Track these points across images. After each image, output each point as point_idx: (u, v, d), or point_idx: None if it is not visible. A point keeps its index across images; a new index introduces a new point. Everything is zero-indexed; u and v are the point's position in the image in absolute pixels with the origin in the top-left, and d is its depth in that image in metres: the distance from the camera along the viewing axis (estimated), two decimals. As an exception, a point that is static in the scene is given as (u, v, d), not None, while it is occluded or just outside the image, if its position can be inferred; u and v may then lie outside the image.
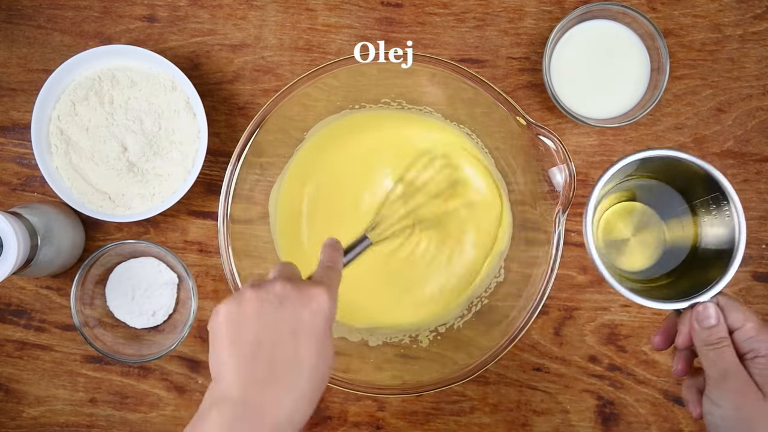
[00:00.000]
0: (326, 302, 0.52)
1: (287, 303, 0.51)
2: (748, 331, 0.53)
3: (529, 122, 0.68)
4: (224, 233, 0.70)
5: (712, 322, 0.53)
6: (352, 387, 0.70)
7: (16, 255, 0.66)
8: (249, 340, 0.50)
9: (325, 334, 0.52)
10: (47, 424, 0.78)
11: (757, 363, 0.52)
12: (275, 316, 0.51)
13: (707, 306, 0.54)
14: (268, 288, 0.52)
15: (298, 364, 0.50)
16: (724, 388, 0.52)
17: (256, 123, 0.70)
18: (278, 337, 0.50)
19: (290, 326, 0.51)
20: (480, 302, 0.75)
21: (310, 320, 0.51)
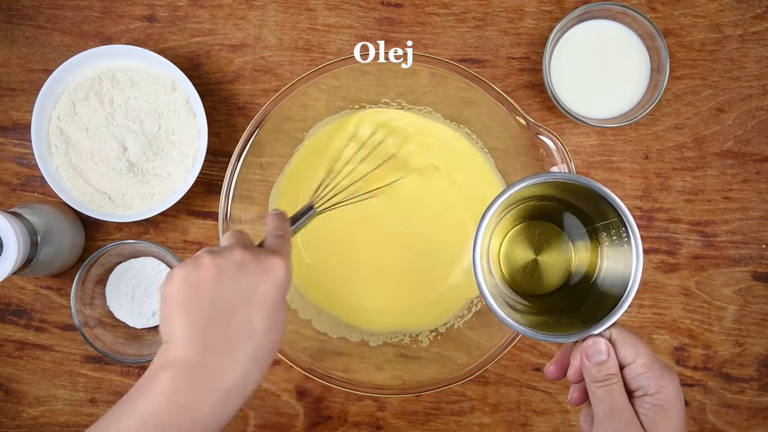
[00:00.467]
0: (283, 271, 0.53)
1: (245, 271, 0.51)
2: (638, 367, 0.50)
3: (529, 122, 0.68)
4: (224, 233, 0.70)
5: (602, 357, 0.51)
6: (352, 387, 0.70)
7: (16, 255, 0.66)
8: (204, 305, 0.50)
9: (280, 302, 0.53)
10: (47, 424, 0.78)
11: (644, 402, 0.50)
12: (232, 283, 0.51)
13: (597, 341, 0.51)
14: (226, 255, 0.52)
15: (252, 331, 0.51)
16: (609, 429, 0.50)
17: (256, 123, 0.70)
18: (234, 303, 0.51)
19: (247, 293, 0.51)
20: (480, 302, 0.75)
21: (266, 289, 0.52)
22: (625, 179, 0.78)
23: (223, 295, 0.51)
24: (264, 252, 0.53)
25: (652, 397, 0.50)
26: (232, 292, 0.51)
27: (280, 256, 0.53)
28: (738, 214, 0.78)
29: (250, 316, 0.51)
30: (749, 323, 0.78)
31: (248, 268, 0.52)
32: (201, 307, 0.50)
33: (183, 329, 0.50)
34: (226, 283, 0.51)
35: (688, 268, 0.78)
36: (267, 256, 0.53)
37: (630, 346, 0.51)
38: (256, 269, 0.52)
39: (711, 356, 0.78)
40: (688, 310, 0.78)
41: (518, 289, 0.62)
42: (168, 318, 0.51)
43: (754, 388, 0.78)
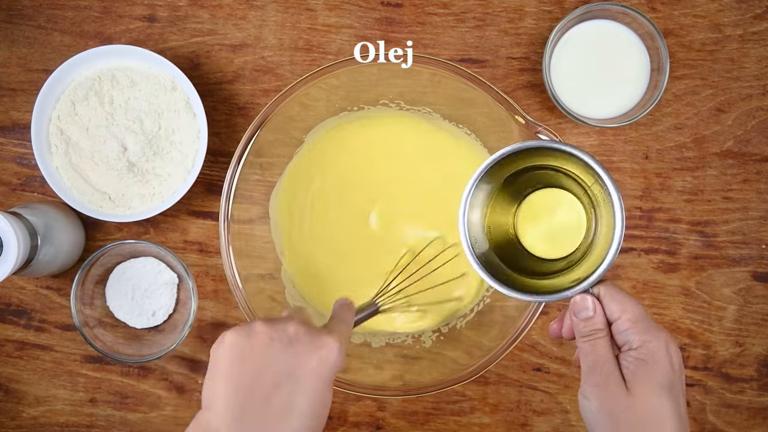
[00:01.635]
0: (336, 352, 0.51)
1: (297, 345, 0.50)
2: (624, 323, 0.51)
3: (528, 121, 0.68)
4: (225, 233, 0.70)
5: (589, 313, 0.52)
6: (352, 389, 0.70)
7: (16, 255, 0.66)
8: (250, 375, 0.49)
9: (328, 384, 0.51)
10: (47, 424, 0.78)
11: (627, 356, 0.51)
12: (282, 356, 0.49)
13: (584, 297, 0.52)
14: (280, 326, 0.51)
15: (293, 410, 0.49)
16: (591, 382, 0.51)
17: (257, 124, 0.70)
18: (280, 377, 0.49)
19: (295, 369, 0.49)
20: (482, 302, 0.75)
21: (315, 367, 0.50)
22: (625, 179, 0.78)
23: (270, 368, 0.49)
24: (319, 330, 0.52)
25: (636, 351, 0.50)
26: (279, 364, 0.49)
27: (335, 337, 0.52)
28: (738, 214, 0.78)
29: (294, 394, 0.49)
30: (749, 323, 0.78)
31: (300, 342, 0.50)
32: (245, 377, 0.49)
33: (224, 398, 0.48)
34: (274, 355, 0.49)
35: (688, 268, 0.78)
36: (321, 334, 0.51)
37: (617, 303, 0.51)
38: (307, 345, 0.50)
39: (711, 356, 0.78)
40: (688, 310, 0.78)
41: (537, 254, 0.62)
42: (210, 382, 0.49)
43: (754, 388, 0.78)
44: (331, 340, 0.51)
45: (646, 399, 0.49)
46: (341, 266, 0.76)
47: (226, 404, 0.48)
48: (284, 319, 0.52)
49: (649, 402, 0.49)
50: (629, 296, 0.52)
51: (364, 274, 0.75)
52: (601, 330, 0.52)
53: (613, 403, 0.50)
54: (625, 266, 0.78)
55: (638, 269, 0.78)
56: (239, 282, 0.70)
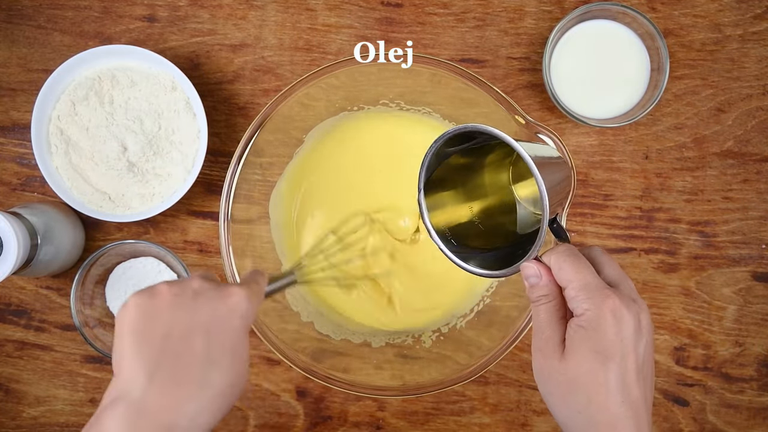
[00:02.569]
0: (244, 301, 0.50)
1: (202, 298, 0.49)
2: (569, 291, 0.51)
3: (528, 121, 0.68)
4: (225, 233, 0.70)
5: (534, 281, 0.53)
6: (352, 389, 0.70)
7: (16, 255, 0.66)
8: (156, 334, 0.47)
9: (241, 333, 0.49)
10: (47, 424, 0.78)
11: (572, 322, 0.51)
12: (188, 310, 0.48)
13: (529, 265, 0.53)
14: (184, 283, 0.50)
15: (208, 363, 0.47)
16: (534, 345, 0.53)
17: (257, 124, 0.70)
18: (189, 332, 0.48)
19: (203, 322, 0.48)
20: (482, 302, 0.75)
21: (225, 317, 0.49)
22: (625, 179, 0.78)
23: (177, 323, 0.48)
24: (225, 284, 0.51)
25: (578, 318, 0.50)
26: (187, 319, 0.48)
27: (242, 287, 0.51)
28: (738, 214, 0.78)
29: (208, 346, 0.48)
30: (749, 323, 0.78)
31: (205, 295, 0.49)
32: (152, 336, 0.47)
33: (131, 359, 0.47)
34: (180, 310, 0.48)
35: (688, 268, 0.78)
36: (227, 286, 0.51)
37: (565, 272, 0.52)
38: (213, 297, 0.49)
39: (711, 356, 0.78)
40: (688, 310, 0.78)
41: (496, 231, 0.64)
42: (118, 348, 0.48)
43: (754, 388, 0.78)
44: (238, 289, 0.50)
45: (578, 364, 0.49)
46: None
47: (135, 367, 0.47)
48: (187, 278, 0.51)
49: (581, 367, 0.49)
50: (584, 263, 0.52)
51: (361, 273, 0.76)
52: (545, 296, 0.52)
53: (549, 367, 0.51)
54: (625, 266, 0.78)
55: (638, 269, 0.78)
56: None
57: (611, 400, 0.49)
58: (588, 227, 0.78)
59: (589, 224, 0.78)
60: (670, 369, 0.78)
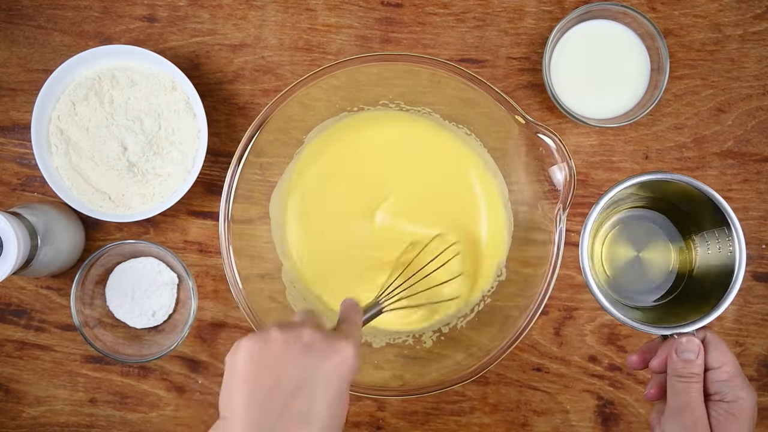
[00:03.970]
0: (352, 356, 0.51)
1: (313, 351, 0.50)
2: (722, 373, 0.52)
3: (528, 121, 0.68)
4: (225, 233, 0.70)
5: (691, 357, 0.53)
6: (352, 389, 0.70)
7: (16, 255, 0.66)
8: (268, 382, 0.48)
9: (345, 388, 0.51)
10: (47, 424, 0.78)
11: (719, 406, 0.52)
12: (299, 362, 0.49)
13: (691, 340, 0.53)
14: (296, 333, 0.50)
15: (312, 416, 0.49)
16: (678, 422, 0.52)
17: (257, 124, 0.70)
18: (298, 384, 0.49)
19: (312, 375, 0.49)
20: (483, 302, 0.75)
21: (332, 373, 0.50)
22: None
23: (288, 375, 0.49)
24: (334, 335, 0.52)
25: (727, 404, 0.52)
26: (297, 372, 0.49)
27: (349, 341, 0.51)
28: (738, 214, 0.77)
29: (313, 400, 0.49)
30: (749, 323, 0.78)
31: (316, 348, 0.50)
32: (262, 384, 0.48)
33: (243, 406, 0.48)
34: (291, 362, 0.49)
35: (688, 268, 0.78)
36: (337, 338, 0.51)
37: (720, 353, 0.53)
38: (324, 350, 0.50)
39: (711, 356, 0.78)
40: (688, 310, 0.78)
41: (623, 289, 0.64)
42: (228, 391, 0.49)
43: (754, 388, 0.78)
44: (347, 344, 0.51)
45: None
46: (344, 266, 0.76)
47: (245, 412, 0.48)
48: (298, 325, 0.51)
49: None
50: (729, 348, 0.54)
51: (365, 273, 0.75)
52: (698, 375, 0.53)
53: None
54: (625, 266, 0.78)
55: (638, 269, 0.78)
56: (239, 282, 0.70)
57: None
58: (588, 227, 0.78)
59: (589, 224, 0.78)
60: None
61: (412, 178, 0.76)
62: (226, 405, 0.49)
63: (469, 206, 0.75)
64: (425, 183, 0.75)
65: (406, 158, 0.76)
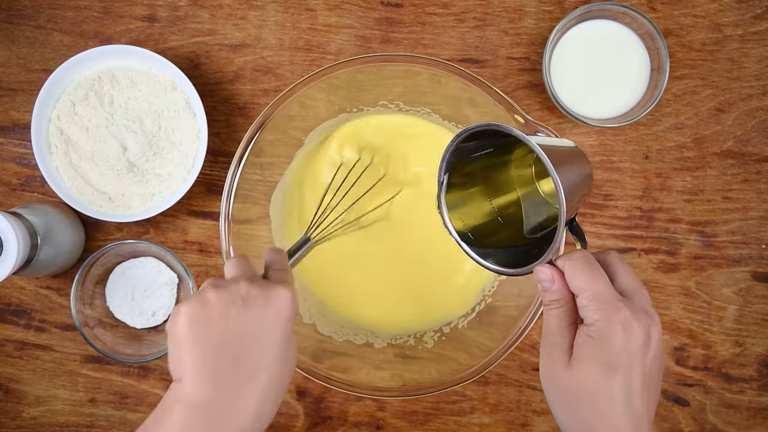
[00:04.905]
0: (290, 301, 0.52)
1: (251, 304, 0.51)
2: (581, 300, 0.51)
3: (527, 120, 0.68)
4: (225, 233, 0.70)
5: (546, 285, 0.53)
6: (352, 389, 0.70)
7: (16, 255, 0.66)
8: (213, 342, 0.50)
9: (289, 333, 0.52)
10: (47, 424, 0.78)
11: (581, 331, 0.51)
12: (240, 317, 0.50)
13: (542, 270, 0.53)
14: (231, 289, 0.51)
15: (263, 366, 0.50)
16: (543, 349, 0.53)
17: (258, 125, 0.70)
18: (243, 338, 0.50)
19: (254, 327, 0.50)
20: (483, 302, 0.75)
21: (274, 321, 0.51)
22: (625, 179, 0.78)
23: (232, 330, 0.50)
24: (269, 284, 0.53)
25: (587, 327, 0.51)
26: (241, 326, 0.50)
27: (285, 287, 0.53)
28: (738, 214, 0.78)
29: (261, 350, 0.50)
30: (749, 323, 0.78)
31: (255, 301, 0.51)
32: (209, 344, 0.50)
33: (194, 367, 0.49)
34: (233, 318, 0.50)
35: (688, 268, 0.78)
36: (272, 287, 0.52)
37: (578, 279, 0.51)
38: (262, 302, 0.51)
39: (711, 356, 0.78)
40: (688, 310, 0.78)
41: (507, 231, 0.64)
42: (177, 357, 0.50)
43: (754, 388, 0.78)
44: (283, 290, 0.52)
45: (584, 374, 0.50)
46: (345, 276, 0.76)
47: (197, 374, 0.49)
48: (233, 281, 0.52)
49: (586, 377, 0.50)
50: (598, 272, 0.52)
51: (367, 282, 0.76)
52: (557, 301, 0.52)
53: (554, 373, 0.52)
54: (625, 266, 0.78)
55: (638, 269, 0.78)
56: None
57: (614, 411, 0.49)
58: (588, 227, 0.78)
59: (589, 224, 0.78)
60: (670, 369, 0.78)
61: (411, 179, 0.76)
62: (178, 370, 0.50)
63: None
64: (425, 183, 0.75)
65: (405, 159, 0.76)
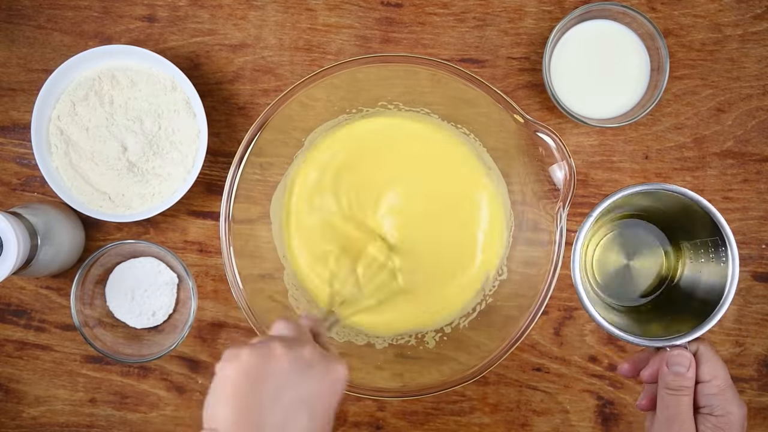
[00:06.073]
0: (344, 379, 0.51)
1: (312, 371, 0.49)
2: (712, 387, 0.52)
3: (527, 119, 0.68)
4: (225, 233, 0.70)
5: (682, 370, 0.53)
6: (352, 390, 0.70)
7: (16, 255, 0.66)
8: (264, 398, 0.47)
9: (334, 409, 0.51)
10: (47, 424, 0.78)
11: (708, 420, 0.52)
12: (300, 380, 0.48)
13: (683, 353, 0.53)
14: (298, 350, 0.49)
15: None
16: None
17: (259, 125, 0.70)
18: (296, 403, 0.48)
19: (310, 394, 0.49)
20: (484, 301, 0.75)
21: (328, 393, 0.50)
22: (625, 179, 0.78)
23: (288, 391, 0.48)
24: (330, 355, 0.52)
25: (716, 418, 0.51)
26: (297, 389, 0.48)
27: (343, 363, 0.51)
28: (738, 214, 0.78)
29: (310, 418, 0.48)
30: (749, 323, 0.78)
31: (316, 367, 0.49)
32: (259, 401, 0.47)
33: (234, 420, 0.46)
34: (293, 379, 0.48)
35: (688, 268, 0.78)
36: (333, 359, 0.51)
37: (711, 366, 0.52)
38: (322, 371, 0.50)
39: (711, 356, 0.78)
40: (688, 310, 0.78)
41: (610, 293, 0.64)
42: (218, 403, 0.47)
43: (754, 388, 0.78)
44: (341, 365, 0.51)
45: None
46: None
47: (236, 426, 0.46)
48: (300, 342, 0.51)
49: None
50: (721, 361, 0.53)
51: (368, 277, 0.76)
52: (689, 388, 0.53)
53: None
54: (625, 266, 0.78)
55: (638, 269, 0.78)
56: (239, 282, 0.70)
57: None
58: (588, 227, 0.78)
59: (589, 224, 0.78)
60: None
61: (411, 180, 0.75)
62: (214, 416, 0.47)
63: (469, 206, 0.75)
64: (425, 184, 0.75)
65: (405, 160, 0.76)
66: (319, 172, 0.75)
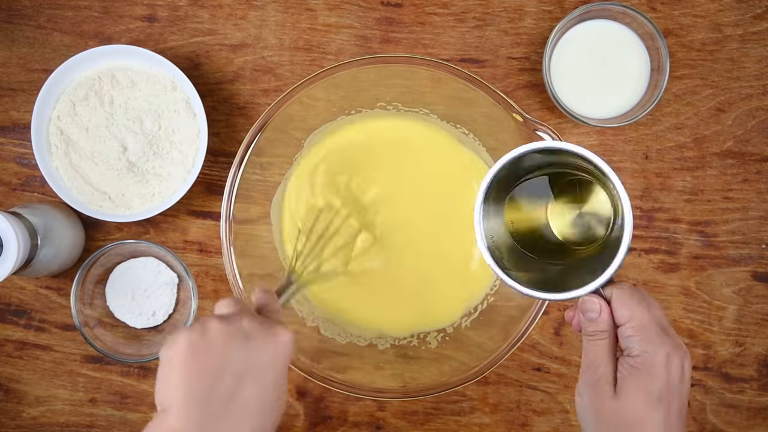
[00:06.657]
0: (289, 341, 0.52)
1: (253, 340, 0.50)
2: (626, 329, 0.52)
3: (526, 118, 0.68)
4: (226, 233, 0.70)
5: (593, 315, 0.53)
6: (352, 391, 0.70)
7: (16, 255, 0.66)
8: (210, 373, 0.48)
9: (284, 375, 0.51)
10: (47, 424, 0.78)
11: (625, 362, 0.52)
12: (240, 352, 0.49)
13: (592, 300, 0.53)
14: (235, 322, 0.50)
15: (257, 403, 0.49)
16: (585, 379, 0.53)
17: (259, 126, 0.70)
18: (240, 373, 0.49)
19: (253, 364, 0.49)
20: (486, 301, 0.75)
21: (272, 359, 0.50)
22: (625, 179, 0.78)
23: (231, 364, 0.48)
24: (271, 322, 0.52)
25: (632, 358, 0.51)
26: (240, 361, 0.49)
27: (285, 326, 0.52)
28: (738, 214, 0.78)
29: (257, 387, 0.49)
30: (749, 323, 0.78)
31: (257, 337, 0.50)
32: (206, 375, 0.48)
33: (181, 401, 0.47)
34: (234, 352, 0.49)
35: (688, 268, 0.78)
36: (274, 326, 0.52)
37: (626, 308, 0.52)
38: (264, 339, 0.50)
39: (711, 356, 0.78)
40: (688, 310, 0.78)
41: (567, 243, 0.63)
42: (165, 386, 0.48)
43: (754, 388, 0.78)
44: (284, 330, 0.52)
45: (631, 405, 0.50)
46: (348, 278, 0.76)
47: (186, 408, 0.47)
48: (236, 315, 0.51)
49: (633, 409, 0.50)
50: (643, 301, 0.52)
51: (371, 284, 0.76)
52: (603, 332, 0.53)
53: (599, 404, 0.52)
54: (625, 266, 0.78)
55: (638, 269, 0.78)
56: (240, 282, 0.70)
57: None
58: (588, 227, 0.78)
59: (589, 224, 0.78)
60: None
61: (411, 180, 0.76)
62: (164, 400, 0.48)
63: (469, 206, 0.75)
64: (425, 184, 0.75)
65: (405, 160, 0.76)
66: (317, 173, 0.75)
